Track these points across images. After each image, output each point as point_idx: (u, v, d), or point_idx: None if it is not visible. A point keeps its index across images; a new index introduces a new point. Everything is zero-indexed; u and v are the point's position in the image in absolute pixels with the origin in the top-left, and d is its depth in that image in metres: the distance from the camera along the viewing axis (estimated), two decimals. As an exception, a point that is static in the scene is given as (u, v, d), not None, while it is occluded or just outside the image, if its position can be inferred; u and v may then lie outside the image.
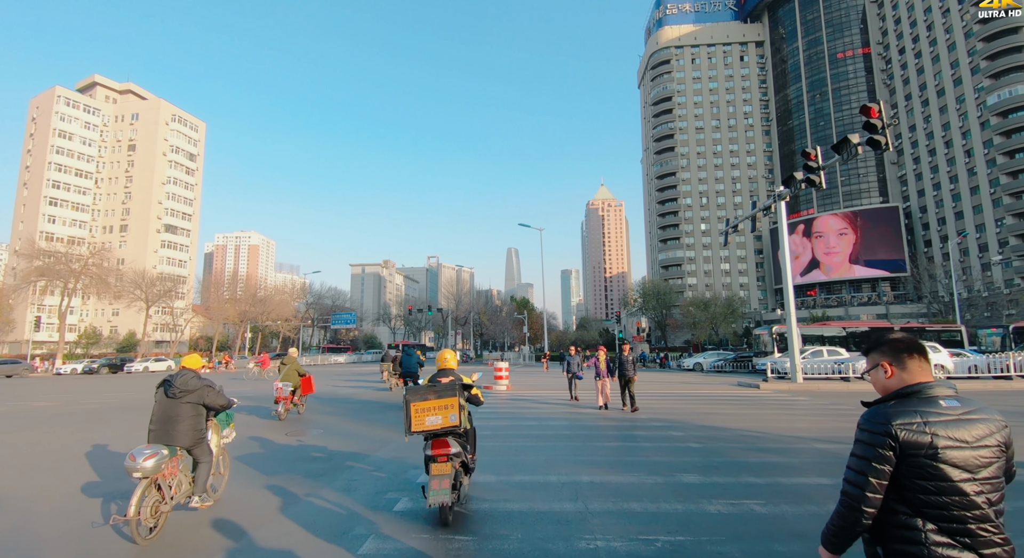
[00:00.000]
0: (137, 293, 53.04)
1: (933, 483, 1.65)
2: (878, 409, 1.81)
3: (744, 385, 19.07)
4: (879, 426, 1.73)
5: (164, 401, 4.77)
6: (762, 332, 29.40)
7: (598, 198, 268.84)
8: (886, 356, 1.89)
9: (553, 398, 14.47)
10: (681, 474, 6.04)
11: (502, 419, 10.66)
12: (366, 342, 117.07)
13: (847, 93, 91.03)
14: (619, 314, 49.34)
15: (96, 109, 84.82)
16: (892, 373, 1.87)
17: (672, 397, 14.94)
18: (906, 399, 1.79)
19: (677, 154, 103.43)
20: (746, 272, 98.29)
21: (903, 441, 1.67)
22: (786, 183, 16.92)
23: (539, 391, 17.11)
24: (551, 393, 16.10)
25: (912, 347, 1.87)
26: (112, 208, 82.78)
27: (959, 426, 1.68)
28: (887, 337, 1.94)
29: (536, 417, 10.84)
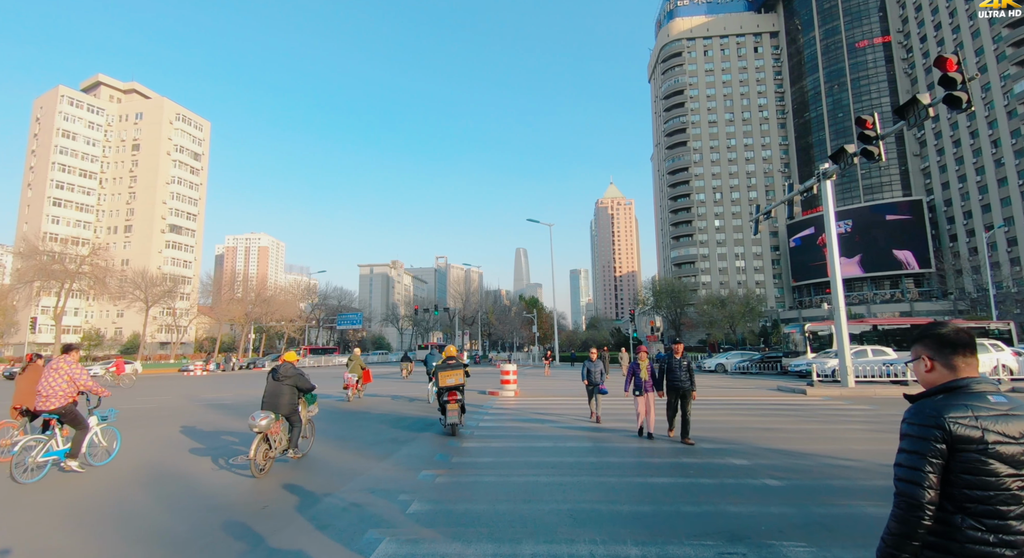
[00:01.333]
0: (137, 293, 51.71)
1: (979, 478, 1.62)
2: (926, 402, 1.75)
3: (786, 390, 16.88)
4: (930, 419, 1.68)
5: (271, 383, 6.93)
6: (792, 330, 27.14)
7: (607, 196, 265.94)
8: (928, 349, 1.82)
9: (570, 409, 12.38)
10: (780, 542, 4.00)
11: (508, 438, 8.71)
12: (374, 343, 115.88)
13: (866, 83, 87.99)
14: (632, 312, 47.11)
15: (100, 109, 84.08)
16: (932, 367, 1.81)
17: (709, 406, 12.81)
18: (954, 393, 1.73)
19: (690, 149, 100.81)
20: (762, 270, 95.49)
21: (955, 435, 1.64)
22: (834, 158, 14.77)
23: (552, 399, 15.17)
24: (567, 402, 14.10)
25: (958, 342, 1.78)
26: (116, 208, 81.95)
27: (1007, 421, 1.65)
28: (933, 329, 1.84)
29: (551, 436, 8.83)
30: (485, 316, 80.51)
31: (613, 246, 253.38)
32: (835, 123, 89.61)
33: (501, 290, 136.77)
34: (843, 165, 14.63)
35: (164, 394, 19.35)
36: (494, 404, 13.36)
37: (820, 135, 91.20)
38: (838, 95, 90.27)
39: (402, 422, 10.72)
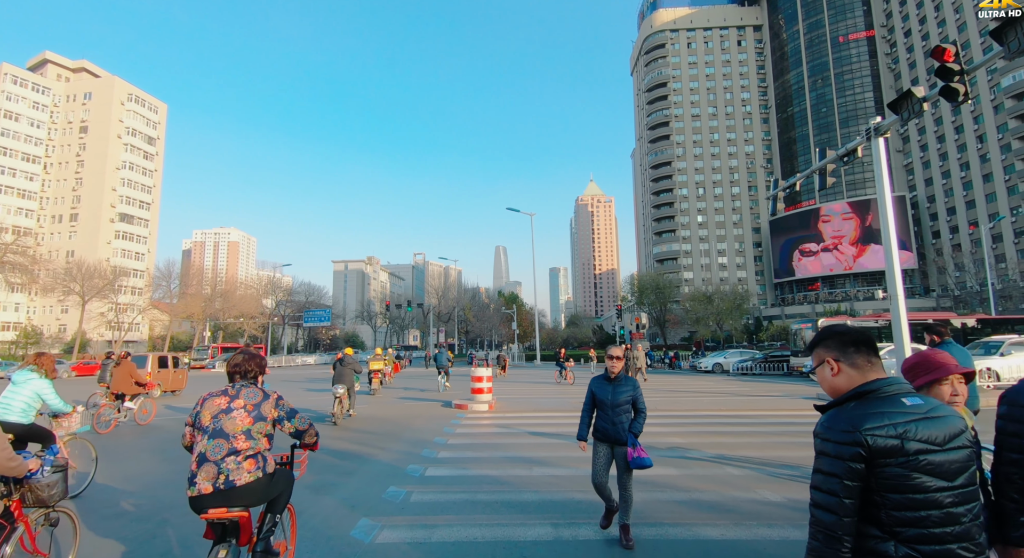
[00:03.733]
0: (72, 286, 46.51)
1: (907, 496, 1.43)
2: (838, 413, 1.56)
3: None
4: (844, 434, 1.48)
5: (340, 367, 11.09)
6: (803, 325, 24.35)
7: (587, 194, 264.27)
8: (831, 351, 1.68)
9: (567, 429, 9.06)
10: None
11: (468, 489, 5.35)
12: (347, 341, 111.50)
13: (850, 78, 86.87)
14: (619, 308, 44.09)
15: (46, 88, 77.59)
16: (838, 369, 1.65)
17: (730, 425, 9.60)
18: (865, 400, 1.56)
19: (673, 142, 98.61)
20: (744, 266, 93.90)
21: (874, 448, 1.44)
22: (895, 107, 11.72)
23: (540, 416, 11.31)
24: (559, 418, 10.71)
25: (860, 340, 1.66)
26: (61, 195, 75.65)
27: (928, 426, 1.48)
28: (832, 329, 1.72)
29: (543, 485, 5.39)
30: (462, 313, 76.86)
31: (593, 243, 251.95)
32: (818, 118, 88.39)
33: (480, 288, 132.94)
34: (906, 115, 11.56)
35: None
36: (461, 423, 10.09)
37: (803, 130, 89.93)
38: (821, 89, 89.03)
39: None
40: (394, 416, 11.08)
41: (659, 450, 6.95)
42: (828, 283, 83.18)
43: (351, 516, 4.62)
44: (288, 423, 3.14)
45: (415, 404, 13.47)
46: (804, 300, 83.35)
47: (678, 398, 14.40)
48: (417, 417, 10.98)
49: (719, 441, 7.94)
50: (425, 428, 9.31)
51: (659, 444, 7.43)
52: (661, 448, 7.18)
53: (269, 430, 3.06)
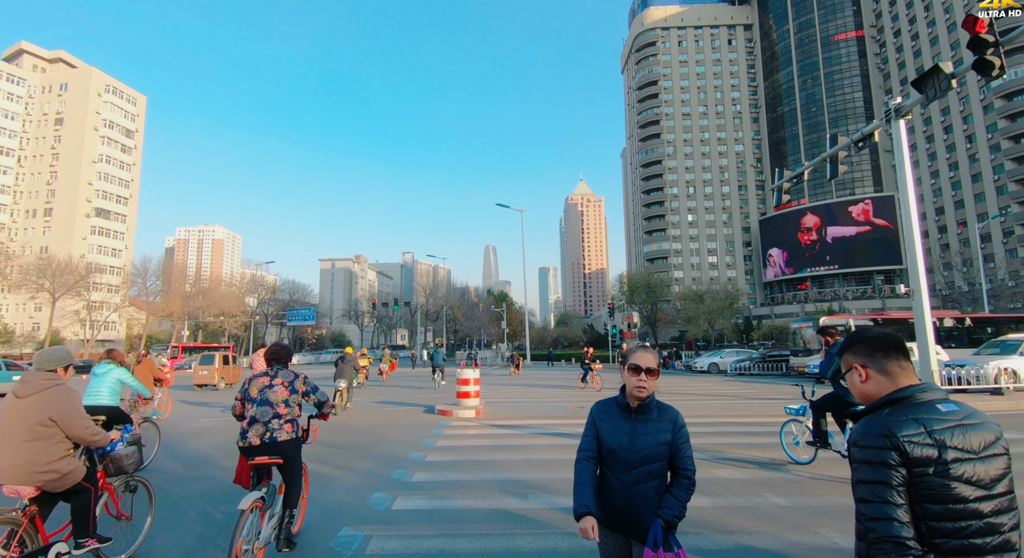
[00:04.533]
0: (42, 282, 44.43)
1: (946, 507, 1.39)
2: (874, 419, 1.51)
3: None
4: (882, 439, 1.44)
5: (342, 364, 12.39)
6: (803, 324, 23.49)
7: (577, 193, 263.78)
8: (859, 356, 1.62)
9: (567, 441, 7.96)
10: None
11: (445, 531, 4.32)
12: (333, 340, 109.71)
13: (839, 78, 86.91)
14: (612, 306, 43.13)
15: (21, 79, 74.87)
16: (867, 376, 1.60)
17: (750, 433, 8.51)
18: (899, 406, 1.51)
19: (663, 141, 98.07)
20: (734, 265, 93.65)
21: (912, 457, 1.41)
22: (919, 85, 10.74)
23: (536, 423, 9.87)
24: (556, 427, 9.48)
25: (889, 345, 1.60)
26: (36, 189, 73.05)
27: (965, 433, 1.43)
28: (861, 334, 1.65)
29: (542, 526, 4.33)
30: (450, 311, 75.48)
31: (583, 243, 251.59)
32: (808, 117, 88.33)
33: (469, 287, 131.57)
34: (932, 93, 10.59)
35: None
36: (444, 433, 8.83)
37: (793, 129, 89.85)
38: (811, 89, 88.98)
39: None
40: (369, 425, 9.81)
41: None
42: (817, 283, 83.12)
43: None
44: (312, 396, 4.11)
45: (394, 410, 12.21)
46: (793, 299, 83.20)
47: (685, 402, 13.26)
48: (394, 425, 9.77)
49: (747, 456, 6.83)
50: (401, 440, 8.08)
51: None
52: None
53: (300, 400, 4.03)
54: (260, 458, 3.72)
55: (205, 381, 20.31)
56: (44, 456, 3.13)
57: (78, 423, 3.27)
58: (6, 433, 3.14)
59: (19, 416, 3.16)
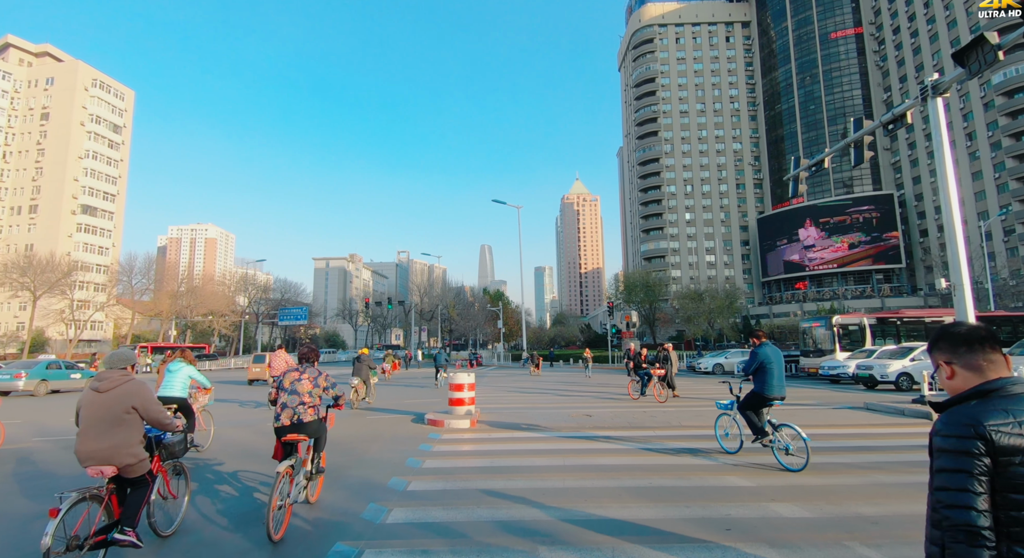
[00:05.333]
0: (24, 280, 42.91)
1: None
2: (960, 409, 1.49)
3: (879, 410, 11.67)
4: (967, 428, 1.43)
5: (357, 364, 13.82)
6: (814, 323, 22.43)
7: (573, 192, 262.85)
8: (944, 353, 1.59)
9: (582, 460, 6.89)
10: None
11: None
12: (327, 340, 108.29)
13: (838, 75, 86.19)
14: (611, 305, 42.01)
15: (7, 73, 73.06)
16: (952, 373, 1.57)
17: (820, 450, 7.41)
18: (988, 398, 1.49)
19: (661, 139, 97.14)
20: (732, 264, 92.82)
21: (999, 446, 1.39)
22: (960, 58, 9.72)
23: (536, 435, 8.70)
24: (566, 443, 8.17)
25: (974, 339, 1.56)
26: (21, 185, 71.27)
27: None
28: (947, 329, 1.61)
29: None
30: (446, 311, 74.25)
31: (578, 242, 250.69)
32: (806, 115, 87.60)
33: (465, 286, 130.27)
34: (975, 67, 9.54)
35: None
36: (433, 449, 7.60)
37: (791, 127, 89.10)
38: (810, 87, 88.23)
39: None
40: (348, 438, 8.55)
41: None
42: (815, 282, 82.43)
43: None
44: (331, 390, 5.20)
45: (379, 420, 10.93)
46: (792, 299, 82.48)
47: (705, 411, 12.14)
48: (377, 438, 8.56)
49: (819, 483, 5.71)
50: (381, 460, 6.86)
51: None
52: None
53: (321, 393, 5.01)
54: (290, 435, 4.73)
55: (257, 376, 22.41)
56: (127, 440, 3.71)
57: (155, 409, 3.90)
58: (92, 422, 3.68)
59: (104, 407, 3.69)
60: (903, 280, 77.20)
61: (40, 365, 20.01)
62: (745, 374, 7.07)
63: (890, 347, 17.86)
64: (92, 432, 3.63)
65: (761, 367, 6.75)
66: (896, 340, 20.62)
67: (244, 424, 10.84)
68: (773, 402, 6.67)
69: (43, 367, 19.80)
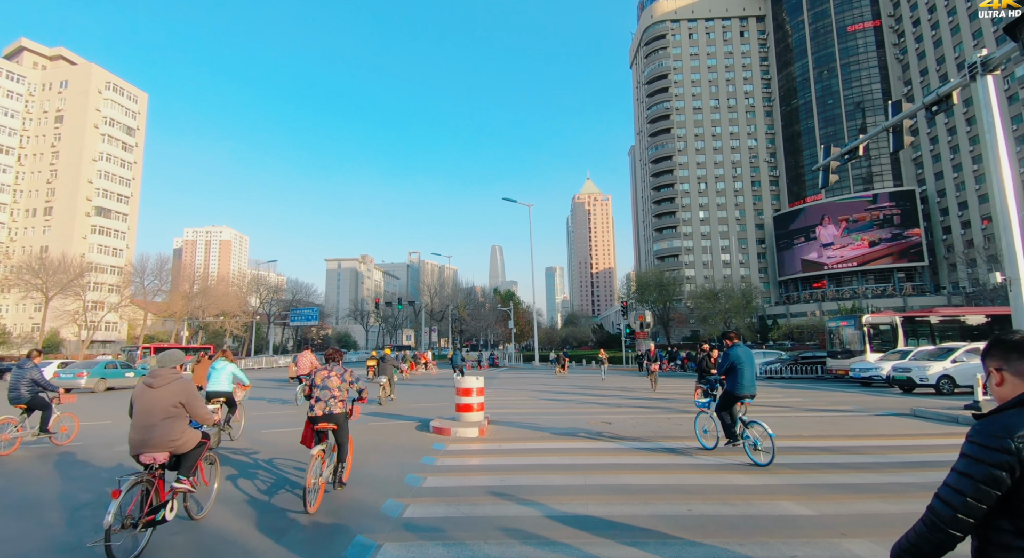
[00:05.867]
0: (36, 282, 42.97)
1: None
2: (995, 418, 1.50)
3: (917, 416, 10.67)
4: (993, 439, 1.43)
5: (383, 364, 15.87)
6: (842, 323, 21.32)
7: (584, 192, 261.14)
8: (996, 360, 1.59)
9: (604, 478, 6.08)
10: None
11: None
12: (339, 341, 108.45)
13: (856, 69, 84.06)
14: (624, 305, 41.01)
15: (21, 76, 73.86)
16: (1001, 380, 1.56)
17: (880, 467, 6.51)
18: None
19: (674, 136, 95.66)
20: (747, 263, 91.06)
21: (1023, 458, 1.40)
22: (1012, 32, 8.71)
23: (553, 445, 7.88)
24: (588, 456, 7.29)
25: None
26: (36, 188, 71.98)
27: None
28: (1001, 337, 1.62)
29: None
30: (456, 311, 73.63)
31: (590, 242, 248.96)
32: (824, 110, 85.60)
33: (476, 287, 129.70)
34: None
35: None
36: (437, 463, 6.82)
37: (808, 123, 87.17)
38: (827, 81, 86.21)
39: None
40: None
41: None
42: (834, 281, 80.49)
43: None
44: (356, 385, 5.95)
45: (383, 426, 10.14)
46: (810, 298, 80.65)
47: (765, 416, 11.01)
48: (378, 449, 7.80)
49: (896, 510, 4.85)
50: (380, 476, 6.09)
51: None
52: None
53: (347, 387, 5.78)
54: (321, 424, 5.46)
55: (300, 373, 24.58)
56: (175, 430, 4.21)
57: (199, 405, 4.42)
58: (145, 414, 4.17)
59: (155, 401, 4.19)
60: (926, 279, 75.09)
61: (99, 365, 22.53)
62: (718, 374, 7.39)
63: (927, 348, 16.76)
64: (144, 423, 4.14)
65: (732, 367, 7.08)
66: (930, 340, 19.49)
67: (273, 418, 11.96)
68: (743, 400, 7.03)
69: (101, 367, 22.35)
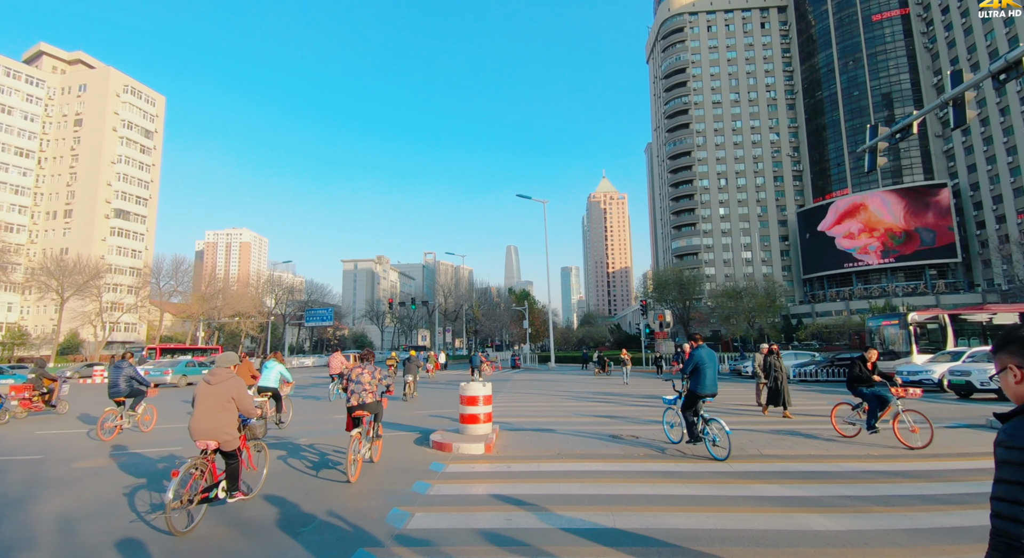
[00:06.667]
0: (51, 283, 43.03)
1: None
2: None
3: (996, 429, 9.24)
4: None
5: (408, 364, 17.11)
6: (885, 321, 19.65)
7: (600, 191, 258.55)
8: (1015, 356, 1.55)
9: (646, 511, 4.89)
10: None
11: None
12: (355, 341, 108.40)
13: (884, 59, 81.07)
14: (644, 304, 39.53)
15: (40, 81, 74.92)
16: (1021, 377, 1.53)
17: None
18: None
19: (692, 131, 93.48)
20: (770, 261, 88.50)
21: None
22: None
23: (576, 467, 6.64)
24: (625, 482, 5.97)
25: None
26: (56, 191, 72.89)
27: None
28: (1015, 333, 1.58)
29: None
30: (470, 311, 72.68)
31: (606, 241, 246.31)
32: (850, 102, 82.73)
33: (491, 287, 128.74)
34: None
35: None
36: (430, 493, 5.60)
37: (834, 115, 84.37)
38: (853, 72, 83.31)
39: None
40: (328, 470, 6.78)
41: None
42: (862, 279, 77.69)
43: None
44: (384, 381, 7.16)
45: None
46: (837, 297, 77.99)
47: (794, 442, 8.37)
48: (365, 470, 6.63)
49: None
50: (358, 510, 4.96)
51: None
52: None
53: (377, 382, 6.93)
54: (357, 412, 6.73)
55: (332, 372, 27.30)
56: (226, 421, 4.93)
57: (247, 400, 5.12)
58: (203, 406, 4.91)
59: (213, 396, 4.94)
60: (959, 276, 72.02)
61: (181, 364, 26.18)
62: (683, 374, 7.78)
63: (983, 348, 15.15)
64: (203, 414, 4.84)
65: (696, 368, 7.44)
66: (981, 340, 17.83)
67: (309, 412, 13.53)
68: (705, 399, 7.42)
69: (183, 365, 25.94)
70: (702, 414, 7.34)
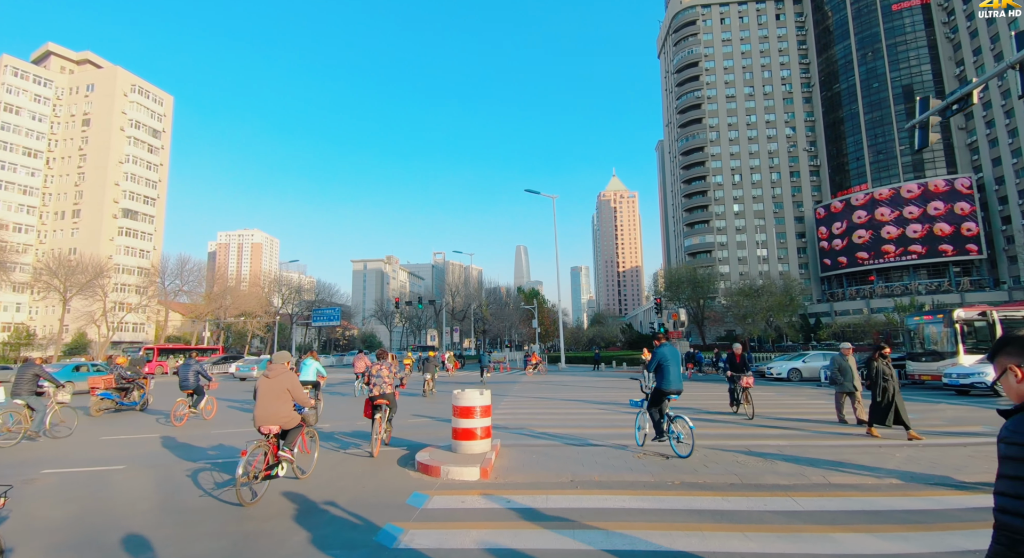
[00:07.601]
0: (55, 282, 42.42)
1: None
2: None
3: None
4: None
5: (427, 362, 19.02)
6: (926, 317, 17.97)
7: (610, 189, 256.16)
8: (1014, 357, 1.59)
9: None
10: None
11: None
12: (364, 341, 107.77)
13: (904, 50, 78.49)
14: (659, 302, 37.90)
15: (48, 81, 74.86)
16: (1022, 376, 1.56)
17: None
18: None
19: (705, 126, 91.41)
20: (786, 259, 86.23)
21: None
22: None
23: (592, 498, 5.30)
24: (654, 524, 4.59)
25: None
26: (64, 191, 72.78)
27: None
28: (1013, 336, 1.64)
29: None
30: (479, 310, 71.43)
31: (616, 240, 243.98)
32: (869, 94, 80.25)
33: (500, 287, 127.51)
34: None
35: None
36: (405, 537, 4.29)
37: (852, 108, 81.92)
38: (872, 63, 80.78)
39: None
40: (278, 509, 5.23)
41: None
42: (883, 276, 75.26)
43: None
44: (398, 375, 8.74)
45: (354, 460, 7.60)
46: (857, 295, 75.64)
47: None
48: (311, 513, 5.14)
49: None
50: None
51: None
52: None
53: (392, 376, 8.38)
54: (378, 400, 8.16)
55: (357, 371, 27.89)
56: (283, 409, 5.87)
57: (300, 391, 6.04)
58: (264, 397, 5.87)
59: (271, 388, 5.89)
60: (984, 272, 69.46)
61: (264, 361, 28.58)
62: (647, 371, 8.12)
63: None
64: (264, 404, 5.87)
65: (659, 366, 7.58)
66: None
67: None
68: (671, 396, 7.56)
69: (265, 363, 27.61)
70: (667, 413, 7.49)
